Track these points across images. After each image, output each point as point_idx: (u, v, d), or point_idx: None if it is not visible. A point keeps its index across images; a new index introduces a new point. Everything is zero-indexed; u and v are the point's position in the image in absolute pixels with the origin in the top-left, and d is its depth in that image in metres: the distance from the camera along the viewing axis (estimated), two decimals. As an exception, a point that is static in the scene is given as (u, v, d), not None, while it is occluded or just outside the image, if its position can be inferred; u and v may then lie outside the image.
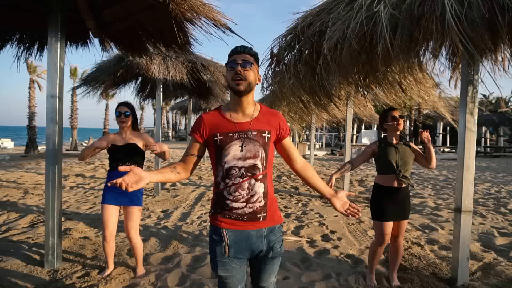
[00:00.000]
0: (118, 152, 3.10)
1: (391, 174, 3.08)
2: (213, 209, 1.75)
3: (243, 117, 1.72)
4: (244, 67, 1.64)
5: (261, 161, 1.68)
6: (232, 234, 1.68)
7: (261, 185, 1.68)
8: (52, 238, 3.29)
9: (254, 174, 1.66)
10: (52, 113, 3.25)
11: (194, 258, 3.73)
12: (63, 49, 3.32)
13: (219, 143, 1.67)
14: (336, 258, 3.82)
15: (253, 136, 1.68)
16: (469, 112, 3.11)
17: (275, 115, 1.79)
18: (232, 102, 1.74)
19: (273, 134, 1.74)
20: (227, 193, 1.67)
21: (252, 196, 1.66)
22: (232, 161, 1.65)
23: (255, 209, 1.67)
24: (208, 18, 3.33)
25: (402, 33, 2.58)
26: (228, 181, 1.66)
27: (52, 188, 3.28)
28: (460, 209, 3.17)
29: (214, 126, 1.71)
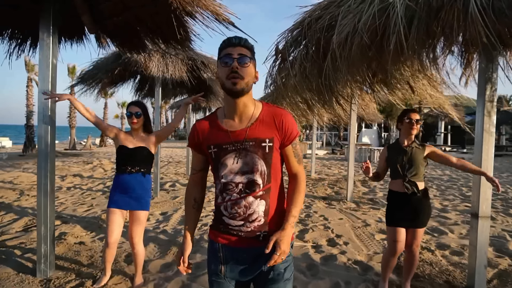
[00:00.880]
0: (128, 155, 2.93)
1: (398, 179, 2.91)
2: (213, 221, 1.59)
3: (239, 124, 1.48)
4: (242, 63, 1.39)
5: (262, 175, 1.45)
6: (228, 251, 1.51)
7: (261, 203, 1.46)
8: (45, 246, 3.10)
9: (253, 191, 1.45)
10: (44, 112, 3.07)
11: (195, 265, 3.54)
12: (55, 45, 3.13)
13: (214, 156, 1.49)
14: (344, 264, 3.64)
15: (250, 147, 1.45)
16: (487, 113, 2.94)
17: (279, 115, 1.49)
18: (226, 106, 1.49)
19: (276, 140, 1.48)
20: (224, 209, 1.49)
21: (250, 215, 1.46)
22: (229, 176, 1.46)
23: (253, 228, 1.47)
24: (209, 12, 3.14)
25: (418, 27, 2.39)
26: (225, 196, 1.48)
27: (45, 192, 3.09)
28: (477, 214, 3.00)
29: (207, 136, 1.51)
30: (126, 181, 2.90)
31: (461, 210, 6.18)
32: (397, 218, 2.90)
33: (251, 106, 1.49)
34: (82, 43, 4.27)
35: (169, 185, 8.46)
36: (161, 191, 7.54)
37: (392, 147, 3.02)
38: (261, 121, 1.48)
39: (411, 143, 2.93)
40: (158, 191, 7.11)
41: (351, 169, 7.13)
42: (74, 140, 24.11)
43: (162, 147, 24.04)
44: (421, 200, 2.89)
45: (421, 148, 2.93)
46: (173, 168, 12.37)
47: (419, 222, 2.90)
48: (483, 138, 2.95)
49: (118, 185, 2.93)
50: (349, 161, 7.25)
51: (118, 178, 2.94)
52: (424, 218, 2.93)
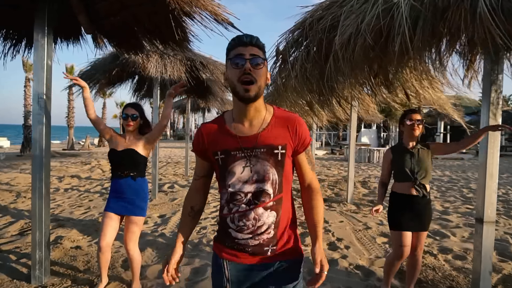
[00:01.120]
0: (117, 158, 2.85)
1: (407, 182, 2.85)
2: (217, 234, 1.49)
3: (250, 129, 1.37)
4: (255, 65, 1.28)
5: (273, 184, 1.35)
6: (234, 268, 1.41)
7: (271, 214, 1.36)
8: (39, 251, 3.03)
9: (263, 202, 1.34)
10: (39, 115, 2.99)
11: (194, 270, 3.47)
12: (50, 46, 3.05)
13: (221, 163, 1.38)
14: (345, 269, 3.57)
15: (261, 154, 1.34)
16: (493, 115, 2.87)
17: (292, 121, 1.39)
18: (236, 110, 1.38)
19: (289, 148, 1.38)
20: (230, 221, 1.38)
21: (259, 227, 1.35)
22: (237, 185, 1.35)
23: (262, 241, 1.36)
24: (208, 12, 3.07)
25: (424, 27, 2.33)
26: (232, 207, 1.37)
27: (40, 196, 3.02)
28: (482, 219, 2.92)
29: (214, 141, 1.40)
30: (118, 185, 2.84)
31: (462, 212, 6.13)
32: (406, 221, 2.83)
33: (263, 110, 1.39)
34: (78, 44, 4.19)
35: (168, 187, 8.39)
36: (159, 192, 7.46)
37: (397, 150, 2.95)
38: (273, 126, 1.37)
39: (416, 145, 2.88)
40: (156, 193, 7.04)
41: (351, 170, 7.06)
42: (73, 140, 24.01)
43: (160, 147, 23.94)
44: (429, 203, 2.85)
45: (426, 149, 2.88)
46: (171, 169, 12.29)
47: (424, 225, 2.85)
48: (488, 141, 2.89)
49: (112, 189, 2.88)
50: (349, 162, 7.19)
51: (112, 182, 2.89)
52: (428, 221, 2.89)
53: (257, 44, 1.32)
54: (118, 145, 2.86)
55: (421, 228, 2.84)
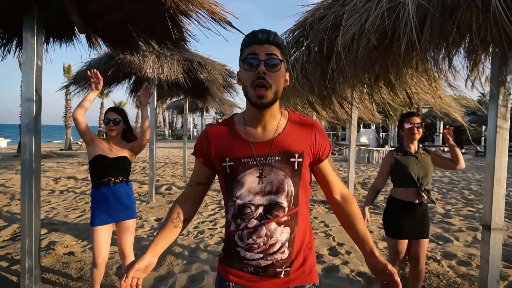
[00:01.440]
0: (110, 165, 2.70)
1: (411, 188, 2.74)
2: (223, 253, 1.32)
3: (263, 134, 1.23)
4: (271, 67, 1.14)
5: (288, 197, 1.20)
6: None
7: (285, 230, 1.20)
8: (29, 260, 2.90)
9: (276, 216, 1.19)
10: (29, 117, 2.86)
11: (190, 278, 3.36)
12: (40, 45, 2.93)
13: (229, 171, 1.22)
14: (347, 277, 3.46)
15: (275, 162, 1.20)
16: (501, 117, 2.76)
17: (309, 126, 1.27)
18: (248, 114, 1.24)
19: (307, 156, 1.24)
20: (238, 238, 1.23)
21: (271, 245, 1.19)
22: (247, 196, 1.20)
23: (275, 262, 1.20)
24: (205, 10, 2.95)
25: (431, 27, 2.22)
26: (240, 222, 1.21)
27: (29, 202, 2.89)
28: (489, 226, 2.82)
29: (222, 146, 1.24)
30: (111, 192, 2.69)
31: (464, 215, 6.03)
32: (404, 229, 2.73)
33: (278, 115, 1.25)
34: (72, 43, 4.07)
35: (165, 188, 8.27)
36: (156, 194, 7.34)
37: (400, 153, 2.84)
38: (289, 132, 1.24)
39: (419, 149, 2.79)
40: (153, 195, 6.91)
41: (352, 172, 6.95)
42: (70, 140, 23.83)
43: (158, 148, 23.80)
44: (427, 209, 2.78)
45: (427, 154, 2.80)
46: (169, 170, 12.17)
47: (424, 232, 2.76)
48: (496, 145, 2.78)
49: (101, 199, 2.68)
50: (349, 163, 7.08)
51: (99, 191, 2.69)
52: (428, 227, 2.80)
53: (275, 41, 1.17)
54: (106, 151, 2.73)
55: (422, 235, 2.74)
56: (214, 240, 4.48)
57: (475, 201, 7.34)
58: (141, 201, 6.83)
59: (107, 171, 2.70)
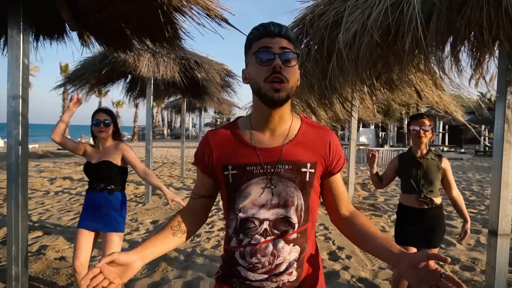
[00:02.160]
0: (92, 171, 2.62)
1: (412, 194, 2.63)
2: (221, 271, 1.18)
3: (272, 139, 1.10)
4: (286, 61, 1.02)
5: (297, 211, 1.08)
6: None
7: (295, 249, 1.07)
8: (16, 267, 2.77)
9: (285, 233, 1.06)
10: (14, 119, 2.73)
11: (185, 285, 3.23)
12: (27, 43, 2.80)
13: (231, 181, 1.09)
14: (348, 282, 3.35)
15: (285, 172, 1.07)
16: (509, 119, 2.65)
17: (325, 135, 1.14)
18: (256, 115, 1.11)
19: (320, 167, 1.11)
20: (240, 256, 1.09)
21: (277, 265, 1.06)
22: (250, 209, 1.07)
23: (281, 284, 1.07)
24: (199, 7, 2.83)
25: (438, 23, 2.10)
26: (243, 238, 1.08)
27: (16, 207, 2.76)
28: (496, 232, 2.71)
29: (224, 153, 1.11)
30: (93, 199, 2.60)
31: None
32: (409, 235, 2.62)
33: (288, 119, 1.12)
34: (63, 41, 3.94)
35: (162, 189, 8.13)
36: (153, 196, 7.21)
37: (405, 158, 2.74)
38: (302, 139, 1.11)
39: (426, 154, 2.64)
40: (149, 196, 6.78)
41: (352, 173, 6.84)
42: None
43: (156, 147, 23.67)
44: (439, 216, 2.62)
45: (437, 160, 2.64)
46: (167, 170, 12.04)
47: (433, 241, 2.62)
48: (503, 148, 2.66)
49: (86, 203, 2.64)
50: (349, 164, 6.96)
51: (87, 195, 2.66)
52: (439, 236, 2.65)
53: (287, 35, 1.06)
54: (91, 158, 2.63)
55: (429, 244, 2.60)
56: (211, 244, 4.36)
57: (476, 202, 7.24)
58: (138, 202, 6.70)
59: (91, 177, 2.63)
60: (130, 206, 6.32)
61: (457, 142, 25.85)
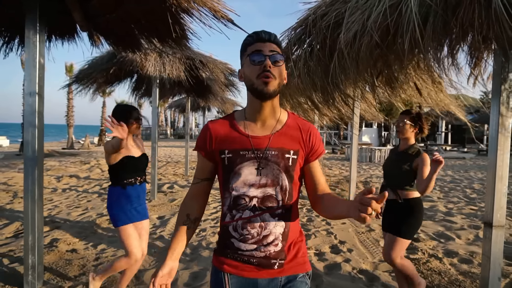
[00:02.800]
0: (138, 164, 2.75)
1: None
2: (217, 245, 1.37)
3: (262, 130, 1.30)
4: (274, 62, 1.22)
5: (282, 190, 1.26)
6: (236, 282, 1.28)
7: (279, 224, 1.26)
8: (32, 256, 2.92)
9: (270, 208, 1.25)
10: (31, 115, 2.88)
11: (192, 275, 3.37)
12: (43, 43, 2.94)
13: (227, 163, 1.28)
14: (349, 274, 3.47)
15: (272, 157, 1.26)
16: (503, 114, 2.76)
17: (305, 128, 1.34)
18: (249, 108, 1.31)
19: (301, 154, 1.30)
20: (233, 229, 1.27)
21: (265, 237, 1.24)
22: (242, 188, 1.25)
23: (268, 254, 1.25)
24: (207, 8, 2.96)
25: (434, 24, 2.22)
26: (235, 213, 1.26)
27: (32, 199, 2.91)
28: (491, 223, 2.82)
29: (222, 139, 1.30)
30: (137, 191, 2.73)
31: (466, 214, 6.02)
32: (383, 221, 2.87)
33: (277, 112, 1.33)
34: (74, 41, 4.08)
35: (167, 187, 8.28)
36: (158, 193, 7.36)
37: (392, 151, 2.94)
38: (287, 130, 1.31)
39: (407, 149, 2.77)
40: (155, 193, 6.93)
41: (354, 171, 6.95)
42: (72, 139, 23.89)
43: (160, 147, 23.84)
44: (410, 209, 2.70)
45: (411, 156, 2.71)
46: (171, 168, 12.18)
47: (397, 229, 2.70)
48: (498, 142, 2.78)
49: (130, 198, 2.69)
50: (351, 162, 7.08)
51: (127, 190, 2.68)
52: (404, 226, 2.68)
53: (276, 41, 1.27)
54: (133, 151, 2.73)
55: (391, 230, 2.74)
56: (216, 238, 4.49)
57: (477, 199, 7.33)
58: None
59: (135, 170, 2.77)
60: (137, 203, 6.47)
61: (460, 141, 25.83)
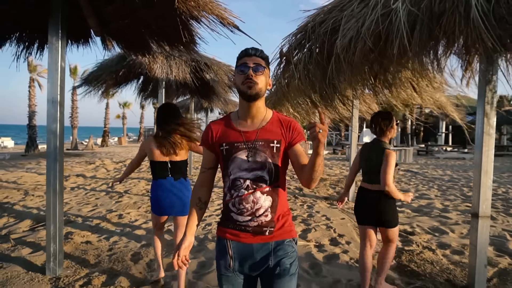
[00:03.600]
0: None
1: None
2: (220, 219, 1.70)
3: (251, 125, 1.63)
4: (256, 71, 1.55)
5: (269, 172, 1.57)
6: (236, 246, 1.60)
7: (268, 199, 1.57)
8: (54, 245, 3.17)
9: (260, 187, 1.56)
10: (53, 115, 3.13)
11: (200, 264, 3.61)
12: (64, 48, 3.19)
13: (225, 153, 1.61)
14: (346, 263, 3.70)
15: (259, 146, 1.58)
16: (487, 113, 3.00)
17: (286, 122, 1.64)
18: (240, 109, 1.65)
19: (283, 142, 1.61)
20: (232, 205, 1.59)
21: (257, 209, 1.56)
22: (237, 172, 1.57)
23: (260, 223, 1.57)
24: (214, 15, 3.20)
25: (421, 31, 2.46)
26: (233, 193, 1.58)
27: (54, 192, 3.16)
28: (477, 214, 3.05)
29: (221, 135, 1.64)
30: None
31: (462, 210, 6.24)
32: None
33: (263, 111, 1.64)
34: (88, 46, 4.34)
35: (172, 185, 8.51)
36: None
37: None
38: (271, 125, 1.62)
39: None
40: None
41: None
42: (76, 140, 24.20)
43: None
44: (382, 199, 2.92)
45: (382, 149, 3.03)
46: (175, 168, 12.42)
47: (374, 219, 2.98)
48: (483, 140, 3.01)
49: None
50: (351, 161, 7.31)
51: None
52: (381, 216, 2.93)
53: (261, 55, 1.59)
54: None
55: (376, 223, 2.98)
56: (221, 232, 4.73)
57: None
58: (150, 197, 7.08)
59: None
60: (144, 200, 6.71)
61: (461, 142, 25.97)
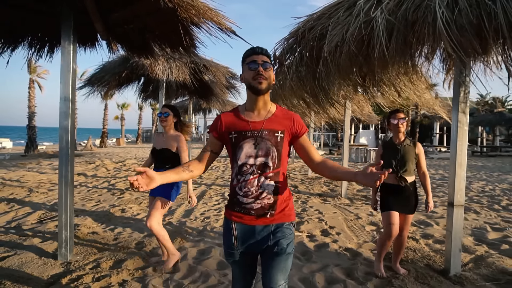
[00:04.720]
0: (155, 156, 3.42)
1: (392, 173, 3.27)
2: (228, 202, 1.88)
3: (258, 116, 1.80)
4: (265, 68, 1.72)
5: (273, 159, 1.75)
6: (240, 228, 1.78)
7: (271, 183, 1.75)
8: (65, 232, 3.44)
9: (264, 172, 1.74)
10: (65, 112, 3.41)
11: (200, 251, 3.89)
12: (75, 52, 3.47)
13: (233, 141, 1.77)
14: (335, 251, 3.99)
15: (265, 135, 1.75)
16: (461, 112, 3.29)
17: (289, 116, 1.83)
18: (248, 102, 1.81)
19: (287, 133, 1.79)
20: (238, 189, 1.77)
21: (261, 193, 1.74)
22: (244, 159, 1.74)
23: (263, 205, 1.74)
24: (213, 22, 3.49)
25: (397, 38, 2.76)
26: (240, 178, 1.76)
27: (65, 184, 3.44)
28: (452, 203, 3.35)
29: (230, 124, 1.81)
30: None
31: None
32: (390, 203, 3.27)
33: (269, 104, 1.84)
34: (94, 49, 4.62)
35: (171, 183, 8.79)
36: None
37: (386, 145, 3.39)
38: (276, 117, 1.81)
39: (403, 141, 3.30)
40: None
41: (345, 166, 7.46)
42: (75, 141, 24.41)
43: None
44: (413, 191, 3.31)
45: (412, 146, 3.30)
46: (174, 167, 12.69)
47: (410, 209, 3.30)
48: (458, 135, 3.31)
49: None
50: (343, 159, 7.62)
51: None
52: (413, 206, 3.31)
53: (266, 54, 1.79)
54: (157, 144, 3.42)
55: (406, 211, 3.29)
56: (219, 223, 5.02)
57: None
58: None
59: (155, 160, 3.46)
60: (145, 196, 6.98)
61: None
